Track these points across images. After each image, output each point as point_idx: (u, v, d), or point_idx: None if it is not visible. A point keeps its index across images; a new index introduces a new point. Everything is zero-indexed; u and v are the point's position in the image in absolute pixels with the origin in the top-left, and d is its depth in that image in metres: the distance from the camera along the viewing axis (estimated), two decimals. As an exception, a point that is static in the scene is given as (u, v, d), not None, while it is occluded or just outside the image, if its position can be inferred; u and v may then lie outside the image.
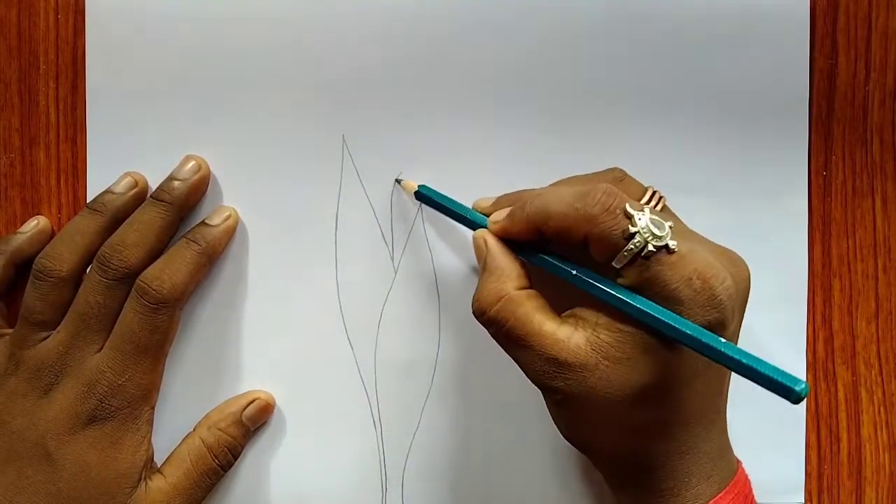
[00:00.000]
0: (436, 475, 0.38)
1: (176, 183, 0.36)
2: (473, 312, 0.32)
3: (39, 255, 0.36)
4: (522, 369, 0.31)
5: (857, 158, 0.38)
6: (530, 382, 0.31)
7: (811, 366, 0.38)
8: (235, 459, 0.37)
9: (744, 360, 0.27)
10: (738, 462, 0.33)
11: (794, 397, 0.25)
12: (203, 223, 0.37)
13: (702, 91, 0.35)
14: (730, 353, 0.27)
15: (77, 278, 0.36)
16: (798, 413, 0.38)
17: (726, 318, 0.29)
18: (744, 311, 0.31)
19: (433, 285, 0.38)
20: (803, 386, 0.25)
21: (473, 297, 0.32)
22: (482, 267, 0.33)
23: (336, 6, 0.37)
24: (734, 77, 0.37)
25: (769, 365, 0.26)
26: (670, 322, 0.28)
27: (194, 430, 0.37)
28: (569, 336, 0.30)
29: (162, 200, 0.36)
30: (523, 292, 0.31)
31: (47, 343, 0.35)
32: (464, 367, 0.38)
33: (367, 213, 0.38)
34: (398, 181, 0.37)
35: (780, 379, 0.26)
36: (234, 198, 0.38)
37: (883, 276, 0.38)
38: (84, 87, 0.38)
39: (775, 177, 0.36)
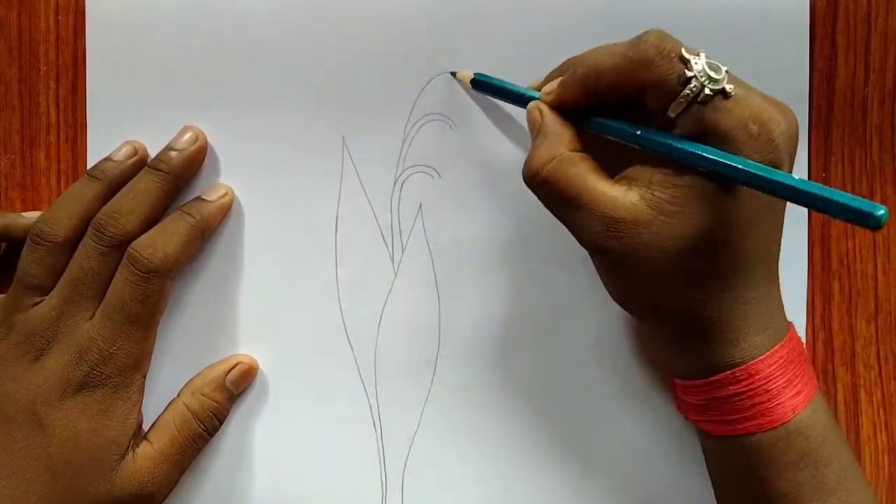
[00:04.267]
0: (435, 475, 0.38)
1: (173, 153, 0.36)
2: (525, 177, 0.32)
3: (37, 220, 0.36)
4: (575, 233, 0.31)
5: (856, 160, 0.38)
6: (531, 379, 0.30)
7: (810, 367, 0.38)
8: (221, 424, 0.37)
9: (816, 191, 0.25)
10: (790, 321, 0.33)
11: (873, 223, 0.24)
12: (199, 198, 0.37)
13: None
14: (800, 185, 0.26)
15: (73, 244, 0.35)
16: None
17: (782, 163, 0.29)
18: (793, 161, 0.31)
19: (433, 285, 0.38)
20: (883, 211, 0.24)
21: (525, 162, 0.31)
22: (535, 134, 0.32)
23: (336, 6, 0.37)
24: (734, 78, 0.37)
25: (842, 193, 0.25)
26: (734, 163, 0.28)
27: (178, 396, 0.37)
28: (623, 194, 0.30)
29: (159, 170, 0.36)
30: (576, 154, 0.31)
31: (40, 308, 0.35)
32: (464, 367, 0.38)
33: (367, 213, 0.38)
34: (453, 74, 0.37)
35: (856, 205, 0.24)
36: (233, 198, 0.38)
37: (882, 278, 0.38)
38: (84, 88, 0.38)
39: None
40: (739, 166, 0.28)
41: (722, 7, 0.37)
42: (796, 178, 0.27)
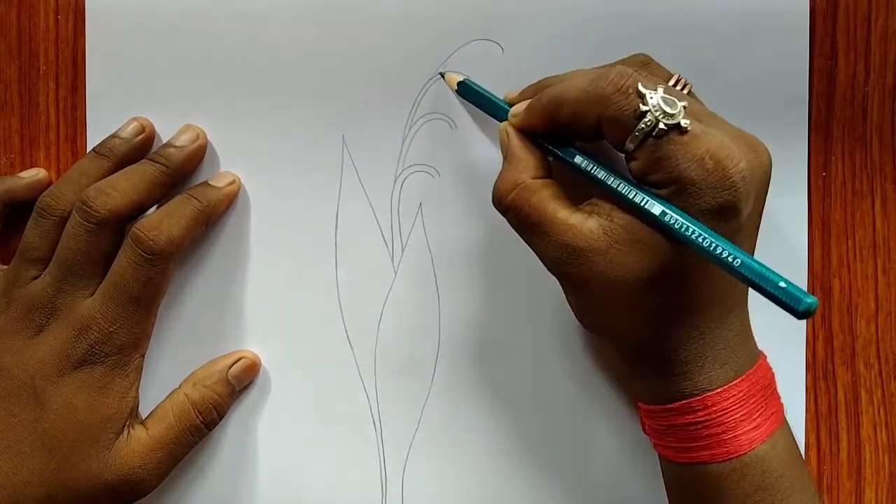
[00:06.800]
0: (436, 475, 0.38)
1: (172, 150, 0.36)
2: (492, 201, 0.32)
3: (44, 194, 0.36)
4: (539, 257, 0.31)
5: (856, 159, 0.38)
6: (531, 378, 0.30)
7: (811, 366, 0.38)
8: (220, 418, 0.37)
9: (747, 268, 0.25)
10: (762, 354, 0.32)
11: (800, 313, 0.24)
12: (206, 183, 0.37)
13: (701, 91, 0.35)
14: (732, 257, 0.26)
15: None
16: (797, 413, 0.38)
17: (739, 202, 0.28)
18: (763, 200, 0.31)
19: (433, 285, 0.38)
20: (811, 301, 0.24)
21: (493, 186, 0.32)
22: (504, 157, 0.33)
23: (336, 6, 0.37)
24: (733, 77, 0.37)
25: (775, 275, 0.25)
26: (676, 225, 0.28)
27: (179, 386, 0.37)
28: (581, 222, 0.30)
29: (158, 163, 0.36)
30: (538, 181, 0.32)
31: (38, 283, 0.35)
32: (464, 367, 0.38)
33: (367, 213, 0.38)
34: (442, 75, 0.37)
35: (781, 295, 0.24)
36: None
37: (882, 277, 0.38)
38: (84, 87, 0.38)
39: (775, 178, 0.36)
40: (661, 217, 0.28)
41: (722, 7, 0.37)
42: (711, 244, 0.27)
